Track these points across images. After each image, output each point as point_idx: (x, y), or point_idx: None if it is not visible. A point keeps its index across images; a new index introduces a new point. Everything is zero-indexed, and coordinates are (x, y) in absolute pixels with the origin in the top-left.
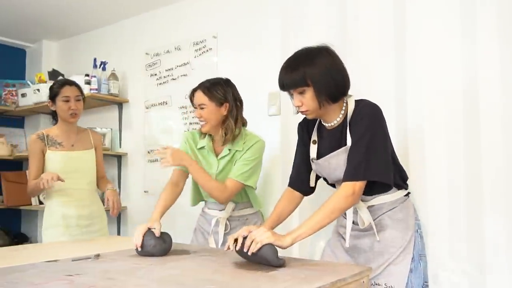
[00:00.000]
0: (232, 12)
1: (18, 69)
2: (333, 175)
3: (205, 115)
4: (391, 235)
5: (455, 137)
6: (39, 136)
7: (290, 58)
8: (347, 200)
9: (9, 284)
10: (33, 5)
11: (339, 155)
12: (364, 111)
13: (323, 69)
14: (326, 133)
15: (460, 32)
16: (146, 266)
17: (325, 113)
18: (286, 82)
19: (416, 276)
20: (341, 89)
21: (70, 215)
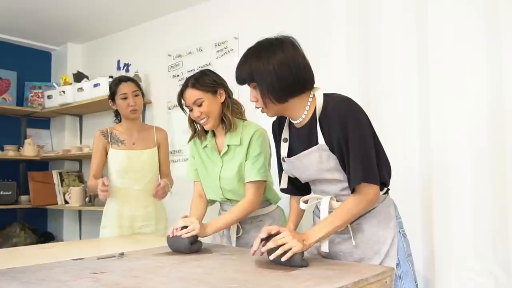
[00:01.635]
0: (253, 13)
1: (44, 71)
2: (304, 175)
3: (205, 110)
4: (370, 240)
5: (479, 134)
6: (103, 133)
7: (246, 51)
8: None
9: (37, 281)
10: (58, 9)
11: (311, 154)
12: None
13: (268, 67)
14: (295, 132)
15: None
16: (169, 264)
17: (285, 110)
18: (236, 76)
19: (408, 281)
20: (289, 89)
21: (124, 215)
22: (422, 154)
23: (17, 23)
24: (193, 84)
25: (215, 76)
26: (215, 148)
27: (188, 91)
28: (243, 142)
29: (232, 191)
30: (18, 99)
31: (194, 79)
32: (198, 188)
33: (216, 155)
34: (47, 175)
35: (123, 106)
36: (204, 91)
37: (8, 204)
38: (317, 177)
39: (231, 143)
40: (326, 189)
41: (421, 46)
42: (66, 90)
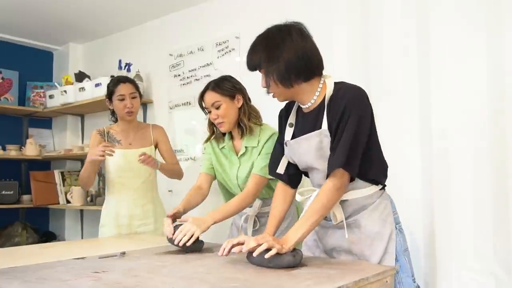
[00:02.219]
0: (254, 12)
1: (46, 71)
2: (302, 161)
3: (222, 113)
4: (368, 237)
5: (481, 134)
6: (100, 132)
7: (255, 38)
8: (338, 193)
9: (38, 280)
10: (60, 9)
11: (311, 138)
12: (348, 98)
13: (277, 52)
14: (302, 117)
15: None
16: (170, 264)
17: (296, 95)
18: (247, 63)
19: (405, 275)
20: (297, 73)
21: (122, 214)
22: (423, 154)
23: (19, 23)
24: (213, 87)
25: (235, 82)
26: (232, 150)
27: (208, 93)
28: (260, 143)
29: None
30: (20, 99)
31: (215, 83)
32: (201, 181)
33: (233, 156)
34: (48, 175)
35: (120, 107)
36: (222, 95)
37: (10, 203)
38: (313, 164)
39: (248, 145)
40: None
41: (421, 45)
42: (67, 90)
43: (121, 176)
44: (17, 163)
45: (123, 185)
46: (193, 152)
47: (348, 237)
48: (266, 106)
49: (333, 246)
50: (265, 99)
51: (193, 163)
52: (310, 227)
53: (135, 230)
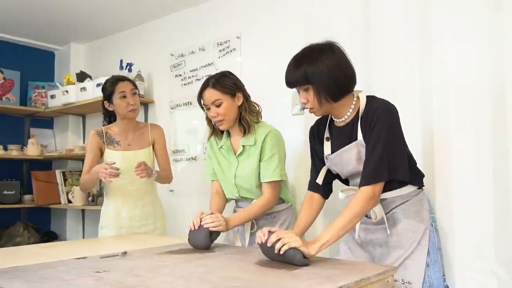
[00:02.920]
0: (255, 12)
1: (47, 71)
2: (345, 170)
3: (222, 111)
4: (404, 228)
5: (482, 135)
6: (98, 132)
7: (295, 56)
8: (368, 203)
9: (40, 280)
10: (61, 9)
11: (350, 150)
12: (380, 111)
13: (323, 68)
14: (337, 130)
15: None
16: (172, 263)
17: (333, 109)
18: (289, 80)
19: (435, 270)
20: (342, 88)
21: (122, 216)
22: (424, 155)
23: (20, 23)
24: (214, 84)
25: (235, 79)
26: (230, 149)
27: (208, 90)
28: (257, 142)
29: (247, 190)
30: (22, 99)
31: (215, 80)
32: (216, 186)
33: (231, 156)
34: (50, 175)
35: (123, 105)
36: (223, 93)
37: (11, 203)
38: (356, 171)
39: (246, 144)
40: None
41: (423, 44)
42: (69, 90)
43: (121, 178)
44: (18, 163)
45: (123, 187)
46: (194, 152)
47: (389, 232)
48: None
49: (370, 239)
50: (267, 99)
51: (194, 163)
52: (340, 234)
53: (135, 231)
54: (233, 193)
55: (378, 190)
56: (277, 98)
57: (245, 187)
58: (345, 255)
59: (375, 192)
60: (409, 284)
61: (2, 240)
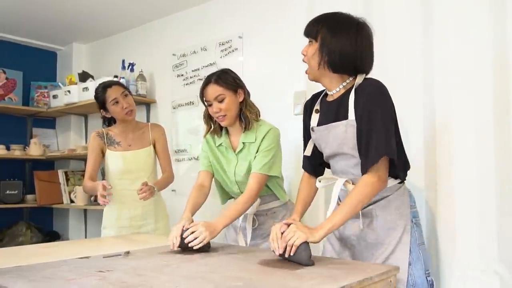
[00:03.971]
0: (257, 12)
1: (50, 71)
2: (328, 147)
3: (225, 106)
4: (382, 225)
5: (484, 133)
6: (99, 134)
7: (329, 12)
8: (373, 186)
9: (43, 279)
10: (63, 9)
11: (339, 127)
12: (368, 90)
13: (338, 37)
14: (327, 104)
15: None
16: (174, 263)
17: (325, 78)
18: (305, 27)
19: (418, 268)
20: (346, 64)
21: (123, 216)
22: (427, 153)
23: (22, 23)
24: (216, 80)
25: (235, 76)
26: (229, 146)
27: (210, 86)
28: (257, 139)
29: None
30: (24, 99)
31: (217, 76)
32: (202, 178)
33: (231, 153)
34: (52, 175)
35: (118, 111)
36: (226, 88)
37: (14, 203)
38: (339, 150)
39: (246, 141)
40: (344, 166)
41: (425, 41)
42: (71, 90)
43: (122, 178)
44: (21, 163)
45: (124, 187)
46: (196, 151)
47: (363, 227)
48: (269, 105)
49: (348, 235)
50: (269, 99)
51: (196, 163)
52: (344, 220)
53: (136, 231)
54: (234, 190)
55: (382, 171)
56: (279, 98)
57: (246, 183)
58: (330, 254)
59: (379, 174)
60: None
61: (5, 239)
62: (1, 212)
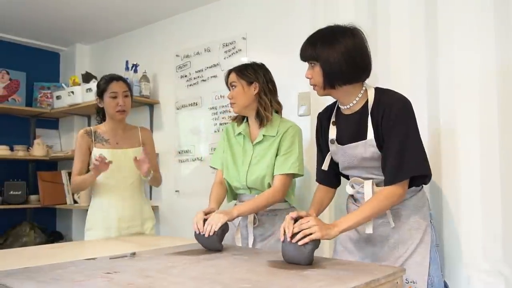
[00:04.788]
0: (261, 13)
1: (53, 72)
2: (346, 163)
3: (233, 94)
4: (407, 225)
5: (489, 134)
6: (87, 132)
7: (315, 31)
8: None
9: (52, 281)
10: (66, 10)
11: (357, 148)
12: (396, 105)
13: (334, 53)
14: (344, 117)
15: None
16: (181, 264)
17: (336, 94)
18: (302, 52)
19: (435, 268)
20: (347, 76)
21: (110, 216)
22: (431, 154)
23: (25, 24)
24: (235, 69)
25: (260, 72)
26: (248, 136)
27: (232, 73)
28: (278, 134)
29: (255, 180)
30: (27, 99)
31: (240, 67)
32: (220, 176)
33: (248, 143)
34: (56, 175)
35: (112, 105)
36: (240, 78)
37: (17, 203)
38: (358, 165)
39: (267, 134)
40: (357, 173)
41: (430, 43)
42: (74, 91)
43: (109, 177)
44: (24, 164)
45: (111, 186)
46: (199, 152)
47: (394, 225)
48: None
49: (369, 235)
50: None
51: (200, 164)
52: (363, 219)
53: (123, 232)
54: (241, 182)
55: (403, 187)
56: (283, 99)
57: (253, 178)
58: (342, 255)
59: (400, 190)
60: (414, 283)
61: (9, 240)
62: (5, 212)
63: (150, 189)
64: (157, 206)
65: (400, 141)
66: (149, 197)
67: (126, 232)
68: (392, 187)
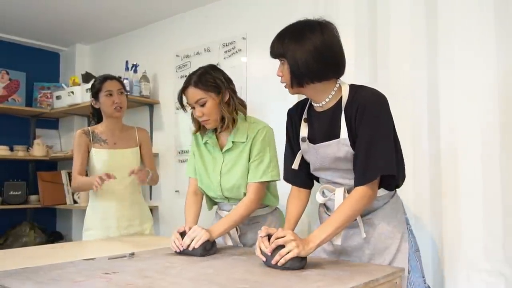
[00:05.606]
0: (261, 13)
1: (53, 72)
2: (318, 163)
3: (207, 111)
4: (380, 234)
5: (489, 132)
6: (85, 131)
7: (287, 26)
8: (365, 201)
9: (51, 281)
10: (66, 10)
11: (330, 147)
12: (370, 101)
13: (301, 49)
14: (316, 115)
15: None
16: (180, 265)
17: (307, 91)
18: (271, 49)
19: (416, 276)
20: (316, 73)
21: (109, 216)
22: (431, 155)
23: (25, 24)
24: (196, 83)
25: (218, 75)
26: (216, 144)
27: (190, 89)
28: (248, 137)
29: (231, 189)
30: (27, 99)
31: (197, 77)
32: (194, 186)
33: (217, 151)
34: (56, 175)
35: (108, 104)
36: (206, 91)
37: (17, 204)
38: (329, 166)
39: (236, 140)
40: (330, 176)
41: (429, 44)
42: (74, 91)
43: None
44: (24, 164)
45: (110, 187)
46: None
47: (366, 236)
48: (272, 106)
49: (343, 247)
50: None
51: None
52: (335, 231)
53: (123, 231)
54: (216, 192)
55: (374, 187)
56: (283, 99)
57: (228, 186)
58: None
59: (372, 190)
60: None
61: (9, 240)
62: (5, 212)
63: (150, 189)
64: (156, 206)
65: (369, 140)
66: (148, 197)
67: (125, 232)
68: (361, 188)
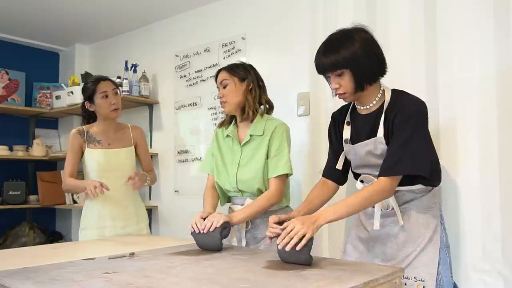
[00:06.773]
0: (260, 13)
1: (52, 72)
2: (358, 161)
3: (226, 92)
4: (416, 223)
5: (488, 132)
6: (79, 132)
7: (327, 40)
8: (383, 195)
9: (51, 281)
10: (66, 10)
11: (367, 145)
12: (411, 106)
13: (361, 50)
14: (360, 118)
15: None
16: (180, 264)
17: (362, 96)
18: (324, 65)
19: (445, 268)
20: (380, 68)
21: (105, 216)
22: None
23: (25, 24)
24: (226, 68)
25: (250, 71)
26: (236, 137)
27: (221, 73)
28: (265, 133)
29: (246, 182)
30: (27, 99)
31: (230, 65)
32: (211, 181)
33: (236, 144)
34: (55, 175)
35: (105, 106)
36: (231, 75)
37: (17, 203)
38: (367, 164)
39: (253, 133)
40: (366, 172)
41: (429, 42)
42: (74, 91)
43: (102, 177)
44: (24, 164)
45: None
46: (199, 152)
47: (403, 223)
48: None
49: (378, 234)
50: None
51: (199, 164)
52: (346, 214)
53: (119, 231)
54: (231, 184)
55: (395, 183)
56: (283, 99)
57: (244, 179)
58: (353, 255)
59: (392, 185)
60: (422, 281)
61: (8, 240)
62: (4, 212)
63: (150, 189)
64: (156, 206)
65: (405, 139)
66: (148, 197)
67: (122, 232)
68: (383, 180)
